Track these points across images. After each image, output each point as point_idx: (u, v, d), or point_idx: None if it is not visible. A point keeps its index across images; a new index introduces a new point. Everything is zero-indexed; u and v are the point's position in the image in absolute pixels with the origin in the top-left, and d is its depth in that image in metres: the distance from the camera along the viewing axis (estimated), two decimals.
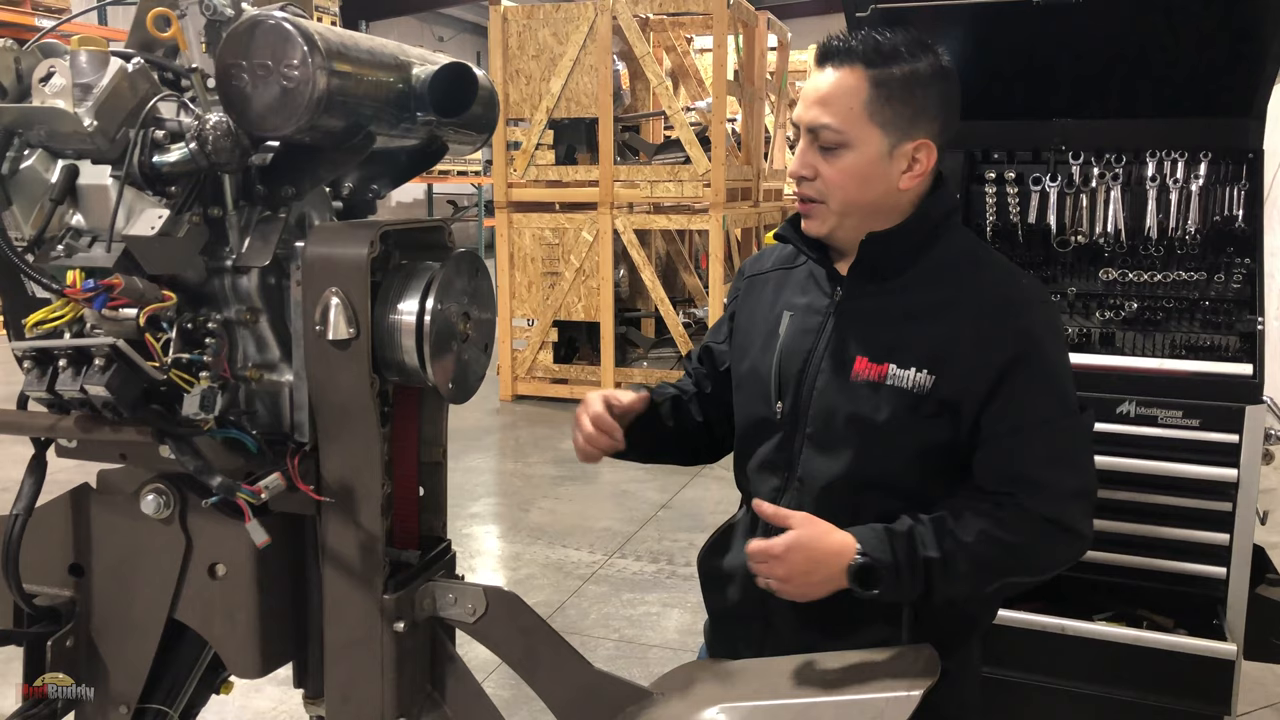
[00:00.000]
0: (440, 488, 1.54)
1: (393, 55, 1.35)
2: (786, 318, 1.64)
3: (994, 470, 1.51)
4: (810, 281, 1.66)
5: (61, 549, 1.44)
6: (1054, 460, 1.51)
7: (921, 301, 1.55)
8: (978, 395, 1.49)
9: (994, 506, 1.48)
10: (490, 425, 7.19)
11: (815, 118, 1.51)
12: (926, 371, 1.50)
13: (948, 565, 1.45)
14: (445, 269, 1.33)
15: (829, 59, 1.53)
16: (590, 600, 4.21)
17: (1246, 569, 2.29)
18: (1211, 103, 2.49)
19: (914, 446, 1.53)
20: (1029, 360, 1.49)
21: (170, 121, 1.29)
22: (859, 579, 1.43)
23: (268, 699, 3.26)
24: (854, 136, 1.50)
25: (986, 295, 1.54)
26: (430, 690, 1.47)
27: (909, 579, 1.44)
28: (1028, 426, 1.49)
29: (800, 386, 1.59)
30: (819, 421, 1.57)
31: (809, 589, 1.46)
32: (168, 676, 1.49)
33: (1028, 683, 2.38)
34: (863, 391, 1.53)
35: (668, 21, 8.23)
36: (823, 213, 1.56)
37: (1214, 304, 2.39)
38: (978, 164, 2.71)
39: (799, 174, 1.56)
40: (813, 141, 1.53)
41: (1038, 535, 1.49)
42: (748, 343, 1.70)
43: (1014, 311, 1.53)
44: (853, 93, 1.50)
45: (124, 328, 1.23)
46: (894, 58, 1.51)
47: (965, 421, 1.51)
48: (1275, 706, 3.23)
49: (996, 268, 1.62)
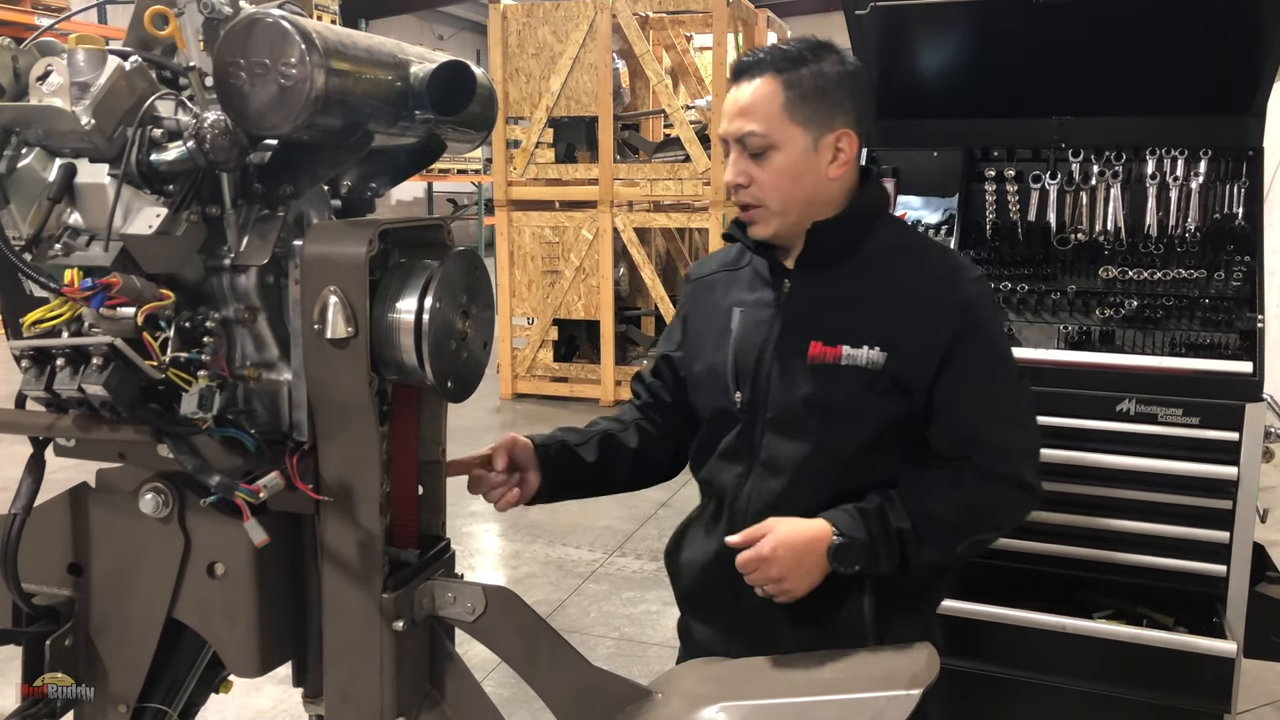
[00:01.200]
0: (439, 486, 1.54)
1: (391, 53, 1.34)
2: (737, 314, 1.72)
3: (950, 437, 1.62)
4: (756, 278, 1.74)
5: (60, 548, 1.44)
6: (1004, 422, 1.63)
7: (866, 286, 1.65)
8: (928, 369, 1.59)
9: (954, 472, 1.60)
10: (490, 424, 7.19)
11: (740, 127, 1.61)
12: (879, 349, 1.59)
13: (919, 533, 1.55)
14: (444, 267, 1.33)
15: (743, 74, 1.63)
16: (590, 599, 4.21)
17: (1246, 567, 2.29)
18: (1211, 100, 2.49)
19: (871, 424, 1.62)
20: (973, 332, 1.60)
21: (168, 120, 1.29)
22: (839, 558, 1.52)
23: (267, 698, 3.27)
24: (779, 138, 1.60)
25: (927, 275, 1.65)
26: (429, 689, 1.47)
27: (884, 551, 1.54)
28: (977, 393, 1.61)
29: (757, 376, 1.67)
30: (778, 407, 1.65)
31: (803, 580, 1.54)
32: (167, 675, 1.49)
33: (1028, 681, 2.38)
34: (819, 374, 1.62)
35: (667, 19, 8.23)
36: (764, 215, 1.65)
37: (1214, 302, 2.39)
38: (977, 162, 2.71)
39: (735, 183, 1.64)
40: (742, 151, 1.63)
41: (997, 494, 1.61)
42: (700, 343, 1.78)
43: (954, 288, 1.63)
44: (770, 98, 1.60)
45: (122, 326, 1.23)
46: (800, 61, 1.61)
47: (918, 396, 1.61)
48: (1276, 704, 3.23)
49: (932, 250, 1.75)
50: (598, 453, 1.81)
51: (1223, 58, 2.44)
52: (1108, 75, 2.56)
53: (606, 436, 1.83)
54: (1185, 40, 2.44)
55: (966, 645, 2.37)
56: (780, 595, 1.55)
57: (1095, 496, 2.36)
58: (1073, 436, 2.35)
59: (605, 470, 1.82)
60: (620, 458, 1.83)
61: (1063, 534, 2.39)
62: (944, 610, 2.37)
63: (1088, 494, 2.36)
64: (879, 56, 2.73)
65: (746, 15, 7.96)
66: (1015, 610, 2.37)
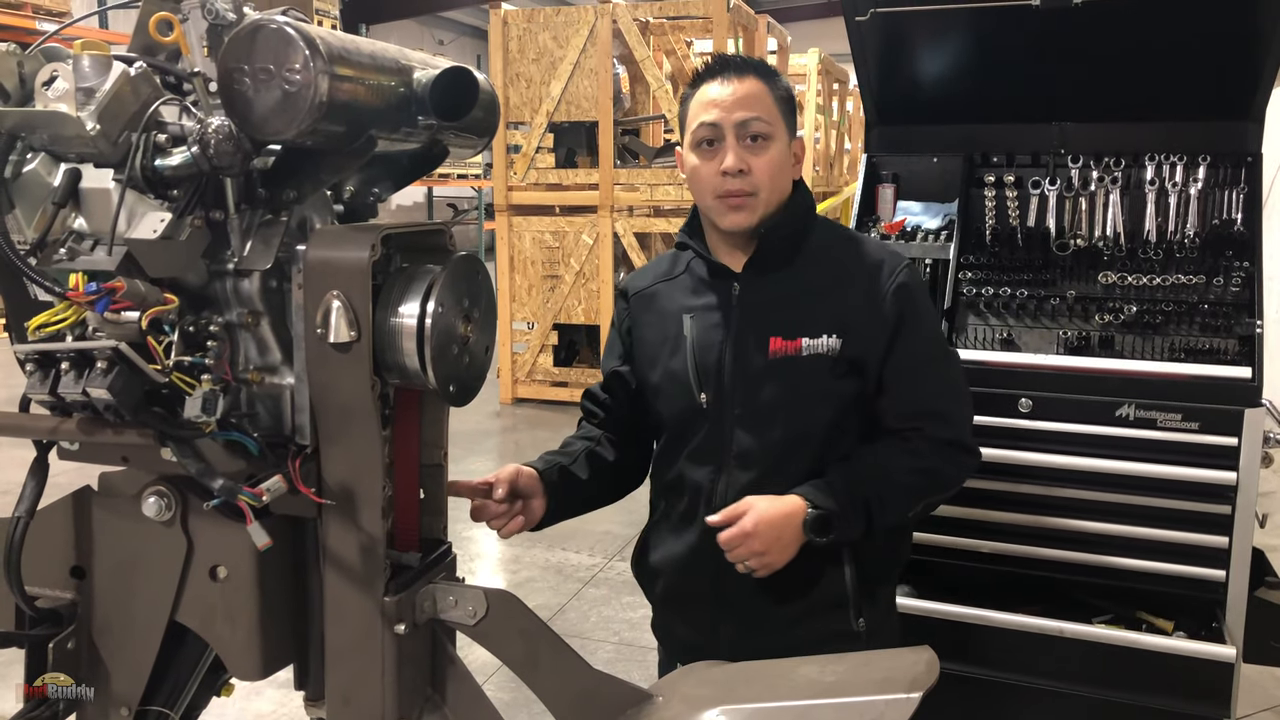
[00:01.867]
0: (441, 490, 1.54)
1: (394, 59, 1.35)
2: (688, 320, 1.80)
3: (899, 409, 1.75)
4: (700, 284, 1.83)
5: (63, 551, 1.44)
6: (946, 393, 1.79)
7: (815, 279, 1.77)
8: (879, 349, 1.73)
9: (905, 441, 1.74)
10: (490, 428, 7.19)
11: (742, 115, 1.71)
12: (836, 336, 1.71)
13: (882, 499, 1.68)
14: (446, 272, 1.33)
15: (729, 69, 1.75)
16: (590, 603, 4.21)
17: (1246, 572, 2.30)
18: (1210, 106, 2.50)
19: (832, 407, 1.74)
20: (913, 312, 1.75)
21: (172, 125, 1.29)
22: (814, 529, 1.64)
23: (268, 701, 3.27)
24: (776, 129, 1.74)
25: (865, 263, 1.78)
26: (431, 692, 1.47)
27: (853, 518, 1.66)
28: (921, 368, 1.76)
29: (720, 376, 1.76)
30: (746, 403, 1.75)
31: (783, 553, 1.64)
32: (169, 679, 1.49)
33: (1027, 685, 2.39)
34: (783, 367, 1.73)
35: (667, 25, 8.24)
36: (754, 204, 1.74)
37: (1213, 307, 2.40)
38: (977, 167, 2.72)
39: (736, 168, 1.71)
40: (739, 140, 1.72)
41: (946, 458, 1.76)
42: (654, 353, 1.85)
43: (891, 274, 1.76)
44: (765, 94, 1.74)
45: (126, 330, 1.23)
46: (776, 74, 1.79)
47: (870, 374, 1.74)
48: (1275, 709, 3.23)
49: (865, 242, 1.87)
50: (588, 469, 1.88)
51: (1221, 64, 2.44)
52: (1107, 81, 2.57)
53: (590, 453, 1.91)
54: (1184, 46, 2.44)
55: (967, 650, 2.37)
56: (761, 569, 1.64)
57: (1095, 501, 2.37)
58: (1072, 441, 2.36)
59: (597, 485, 1.90)
60: (605, 471, 1.91)
61: (1062, 539, 2.39)
62: (945, 615, 2.38)
63: (1087, 499, 2.37)
64: (879, 62, 2.74)
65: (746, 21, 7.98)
66: (1015, 615, 2.37)
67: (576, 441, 1.94)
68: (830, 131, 11.31)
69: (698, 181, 1.77)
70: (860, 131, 10.86)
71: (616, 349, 1.96)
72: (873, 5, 2.59)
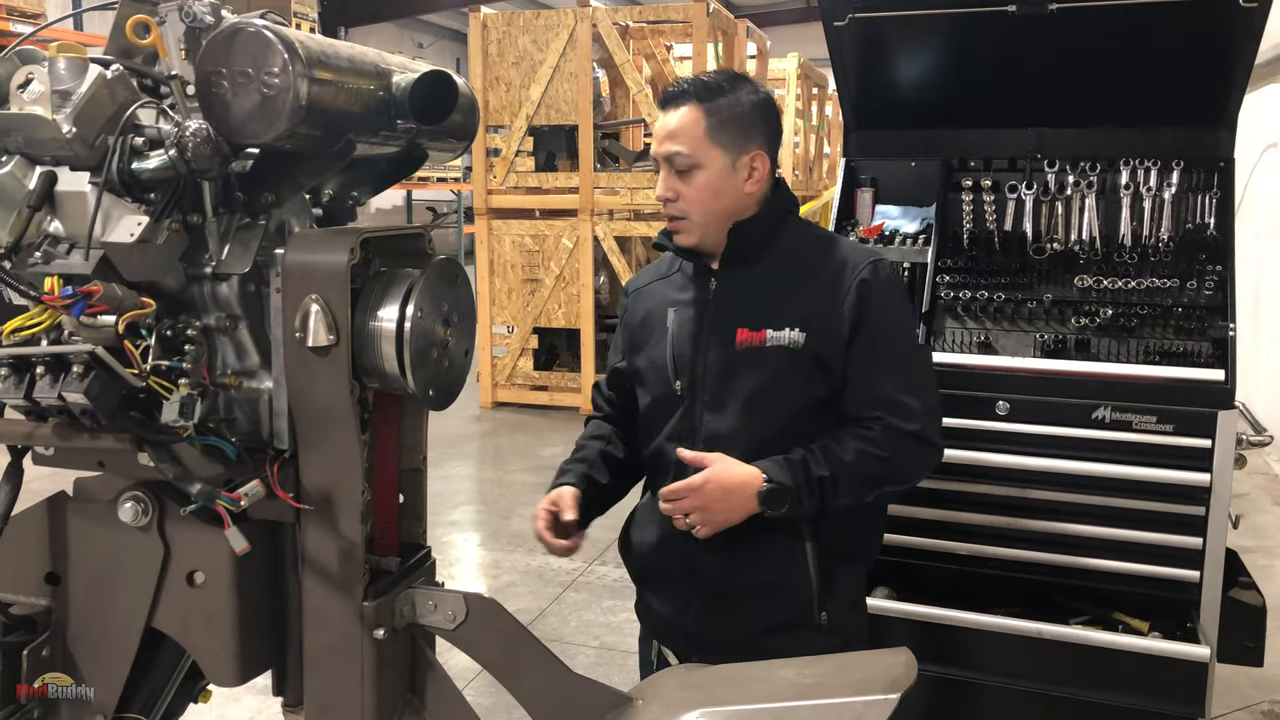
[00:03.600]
0: (420, 494, 1.54)
1: (373, 63, 1.35)
2: (671, 313, 1.92)
3: (861, 399, 1.81)
4: (687, 281, 1.94)
5: (38, 558, 1.43)
6: (908, 386, 1.82)
7: (783, 275, 1.86)
8: (841, 343, 1.79)
9: (866, 430, 1.79)
10: (470, 433, 7.17)
11: (669, 149, 1.81)
12: (799, 330, 1.79)
13: (837, 481, 1.75)
14: (425, 276, 1.33)
15: (670, 102, 1.83)
16: (570, 608, 4.20)
17: (1219, 572, 2.32)
18: (1184, 112, 2.53)
19: (797, 400, 1.82)
20: (873, 308, 1.80)
21: (149, 128, 1.28)
22: (768, 501, 1.71)
23: (246, 708, 3.24)
24: (702, 158, 1.80)
25: (832, 262, 1.85)
26: (410, 697, 1.46)
27: (807, 496, 1.73)
28: (884, 360, 1.81)
29: (694, 364, 1.87)
30: (713, 389, 1.85)
31: (723, 515, 1.73)
32: (145, 685, 1.48)
33: (1005, 687, 2.40)
34: (748, 357, 1.82)
35: (647, 29, 8.26)
36: (689, 226, 1.84)
37: (1187, 310, 2.42)
38: (955, 172, 2.74)
39: (665, 197, 1.84)
40: (670, 169, 1.82)
41: (904, 449, 1.80)
42: (641, 342, 1.97)
43: (855, 269, 1.82)
44: (694, 124, 1.80)
45: (103, 335, 1.23)
46: (719, 92, 1.82)
47: (835, 372, 1.80)
48: (1249, 709, 3.27)
49: (836, 242, 1.95)
50: (608, 472, 1.98)
51: (1195, 71, 2.47)
52: (1083, 87, 2.59)
53: (604, 454, 2.00)
54: (1158, 53, 2.47)
55: (945, 651, 2.39)
56: (702, 526, 1.73)
57: (1070, 503, 2.39)
58: (1049, 444, 2.38)
59: (615, 485, 2.01)
60: (619, 469, 2.01)
61: (1038, 540, 2.41)
62: (923, 617, 2.40)
63: (1063, 500, 2.39)
64: (857, 67, 2.76)
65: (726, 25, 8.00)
66: (993, 617, 2.38)
67: (589, 444, 2.04)
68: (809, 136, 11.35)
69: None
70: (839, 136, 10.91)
71: (620, 344, 2.07)
72: (851, 10, 2.60)
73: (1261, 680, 3.35)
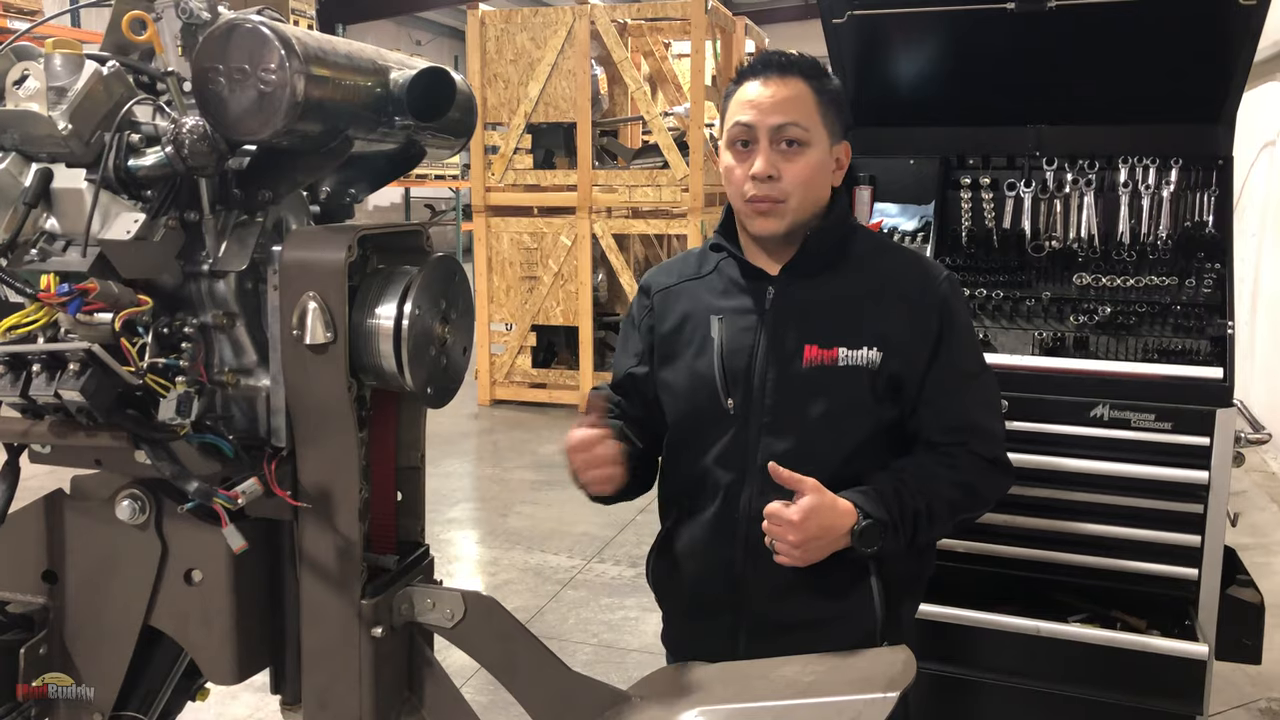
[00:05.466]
0: (418, 492, 1.54)
1: (371, 60, 1.34)
2: (716, 322, 1.72)
3: (942, 423, 1.69)
4: (731, 285, 1.75)
5: (35, 556, 1.43)
6: (988, 410, 1.74)
7: (854, 289, 1.70)
8: (920, 364, 1.67)
9: (947, 456, 1.68)
10: (468, 430, 7.17)
11: (777, 120, 1.64)
12: (876, 349, 1.65)
13: (931, 513, 1.62)
14: (423, 273, 1.33)
15: (771, 69, 1.67)
16: (569, 605, 4.20)
17: (1218, 570, 2.32)
18: (1182, 110, 2.52)
19: (866, 425, 1.67)
20: (953, 327, 1.70)
21: (146, 125, 1.28)
22: (863, 539, 1.57)
23: (244, 706, 3.24)
24: (814, 135, 1.66)
25: (908, 274, 1.73)
26: (408, 695, 1.46)
27: (901, 531, 1.60)
28: (965, 383, 1.71)
29: (749, 381, 1.69)
30: (776, 411, 1.67)
31: (816, 553, 1.57)
32: (143, 684, 1.48)
33: (1003, 684, 2.40)
34: (817, 376, 1.66)
35: (646, 26, 8.24)
36: (782, 211, 1.67)
37: (1185, 308, 2.42)
38: (953, 170, 2.74)
39: (765, 174, 1.64)
40: (772, 144, 1.65)
41: (988, 475, 1.71)
42: (675, 350, 1.77)
43: (934, 287, 1.71)
44: (806, 97, 1.66)
45: (99, 332, 1.23)
46: (824, 73, 1.70)
47: (909, 394, 1.68)
48: (1247, 706, 3.27)
49: (905, 252, 1.84)
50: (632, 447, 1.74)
51: (1193, 68, 2.47)
52: (1082, 84, 2.59)
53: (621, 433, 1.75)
54: (1156, 51, 2.47)
55: (942, 649, 2.38)
56: (788, 560, 1.57)
57: (1069, 501, 2.39)
58: (1047, 441, 2.38)
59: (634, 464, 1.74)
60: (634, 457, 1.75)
61: (1037, 538, 2.41)
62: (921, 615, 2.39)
63: (1062, 498, 2.39)
64: (856, 65, 2.75)
65: (724, 23, 7.99)
66: (990, 614, 2.38)
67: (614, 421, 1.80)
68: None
69: (730, 182, 1.70)
70: None
71: (634, 347, 1.85)
72: (850, 8, 2.60)
73: (1259, 678, 3.35)
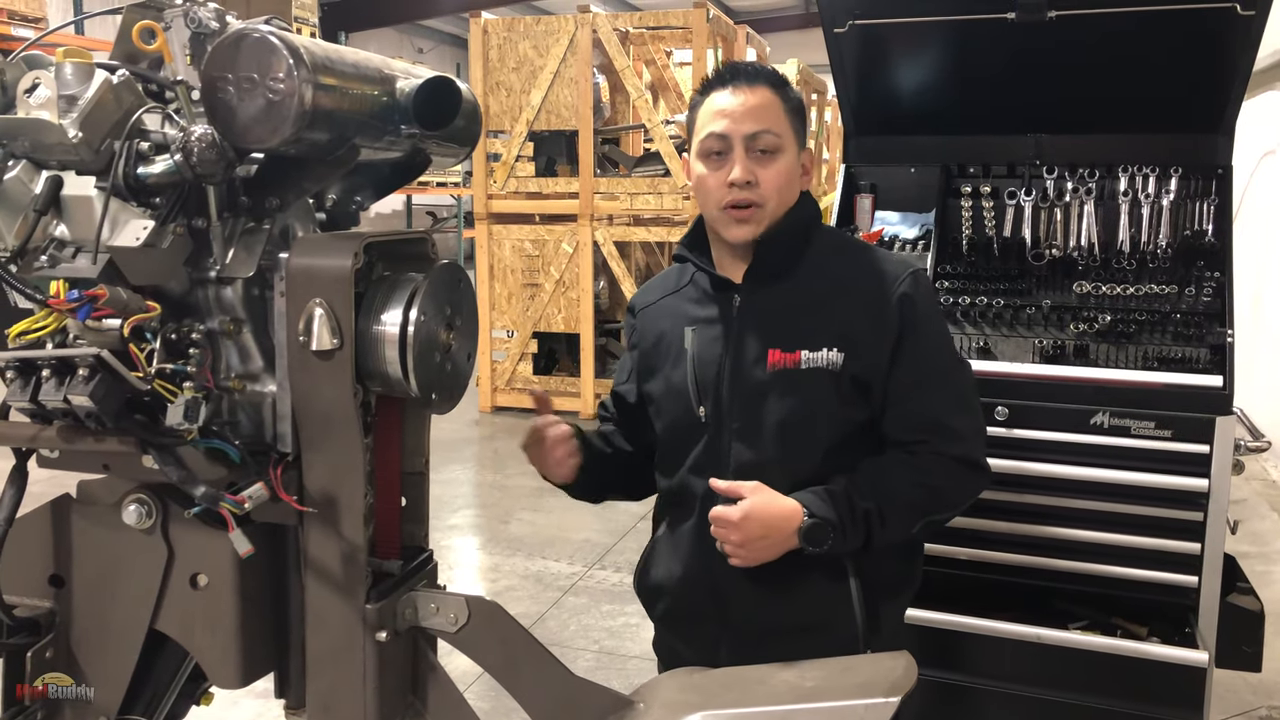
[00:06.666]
0: (422, 498, 1.55)
1: (377, 69, 1.36)
2: (689, 333, 1.76)
3: (905, 423, 1.69)
4: (704, 296, 1.79)
5: (42, 560, 1.43)
6: (954, 407, 1.71)
7: (815, 291, 1.71)
8: (882, 363, 1.67)
9: (910, 455, 1.67)
10: (469, 436, 7.18)
11: (752, 127, 1.67)
12: (837, 350, 1.66)
13: (884, 514, 1.62)
14: (428, 280, 1.34)
15: (739, 79, 1.70)
16: (570, 612, 4.21)
17: (1218, 577, 2.33)
18: (1182, 119, 2.54)
19: (835, 427, 1.68)
20: (916, 324, 1.68)
21: (155, 133, 1.29)
22: (809, 538, 1.59)
23: (248, 710, 3.25)
24: (785, 142, 1.69)
25: (869, 275, 1.72)
26: (412, 700, 1.47)
27: (852, 531, 1.60)
28: (928, 380, 1.69)
29: (719, 389, 1.72)
30: (744, 416, 1.70)
31: (761, 553, 1.61)
32: (148, 688, 1.48)
33: (1004, 691, 2.40)
34: (781, 380, 1.67)
35: (647, 35, 8.27)
36: (760, 216, 1.70)
37: (1185, 317, 2.43)
38: (954, 178, 2.75)
39: (744, 179, 1.67)
40: (750, 151, 1.68)
41: (952, 475, 1.69)
42: (655, 364, 1.82)
43: (895, 283, 1.69)
44: (775, 105, 1.70)
45: (108, 338, 1.24)
46: (786, 82, 1.74)
47: (876, 394, 1.68)
48: (1247, 714, 3.27)
49: (869, 251, 1.81)
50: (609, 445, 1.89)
51: (1193, 78, 2.48)
52: (1082, 94, 2.60)
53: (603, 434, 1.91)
54: (1157, 60, 2.48)
55: (943, 656, 2.39)
56: (737, 560, 1.62)
57: (1069, 508, 2.39)
58: (1047, 449, 2.38)
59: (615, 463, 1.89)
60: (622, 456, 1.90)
61: (1038, 546, 2.42)
62: (921, 621, 2.40)
63: (1062, 506, 2.39)
64: (857, 74, 2.77)
65: (726, 31, 8.01)
66: (991, 621, 2.39)
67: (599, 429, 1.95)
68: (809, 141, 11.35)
69: (704, 191, 1.72)
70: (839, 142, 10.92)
71: (626, 366, 1.92)
72: (851, 17, 2.62)
73: (1260, 685, 3.35)
